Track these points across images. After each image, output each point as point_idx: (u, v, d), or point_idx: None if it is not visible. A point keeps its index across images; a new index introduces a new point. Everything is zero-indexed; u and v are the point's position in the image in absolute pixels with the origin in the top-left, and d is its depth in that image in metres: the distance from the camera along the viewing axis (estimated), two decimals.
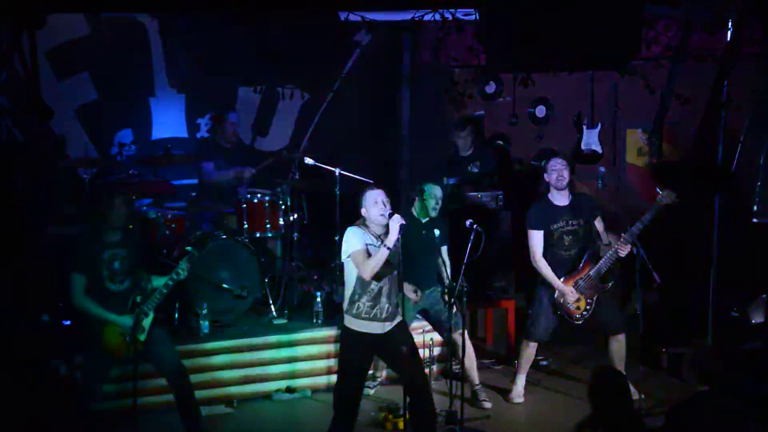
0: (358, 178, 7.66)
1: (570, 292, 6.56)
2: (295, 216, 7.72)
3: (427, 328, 6.98)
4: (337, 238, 7.66)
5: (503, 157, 8.89)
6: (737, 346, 6.80)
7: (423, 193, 6.69)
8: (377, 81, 9.25)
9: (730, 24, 7.15)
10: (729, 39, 7.14)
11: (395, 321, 5.66)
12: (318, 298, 7.26)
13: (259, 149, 9.13)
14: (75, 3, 7.11)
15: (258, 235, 7.51)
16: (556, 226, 6.58)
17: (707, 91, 7.14)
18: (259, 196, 7.60)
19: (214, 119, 8.67)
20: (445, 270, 6.56)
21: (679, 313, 7.56)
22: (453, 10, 7.30)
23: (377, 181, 6.12)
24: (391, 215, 5.41)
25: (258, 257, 7.41)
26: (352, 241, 5.48)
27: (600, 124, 8.59)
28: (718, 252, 7.21)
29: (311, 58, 8.92)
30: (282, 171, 7.95)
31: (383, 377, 7.09)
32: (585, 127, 8.58)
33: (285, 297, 7.58)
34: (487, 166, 8.27)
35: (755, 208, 7.43)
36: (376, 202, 5.50)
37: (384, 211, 5.46)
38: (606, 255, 6.53)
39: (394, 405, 6.48)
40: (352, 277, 5.55)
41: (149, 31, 8.63)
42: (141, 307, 5.81)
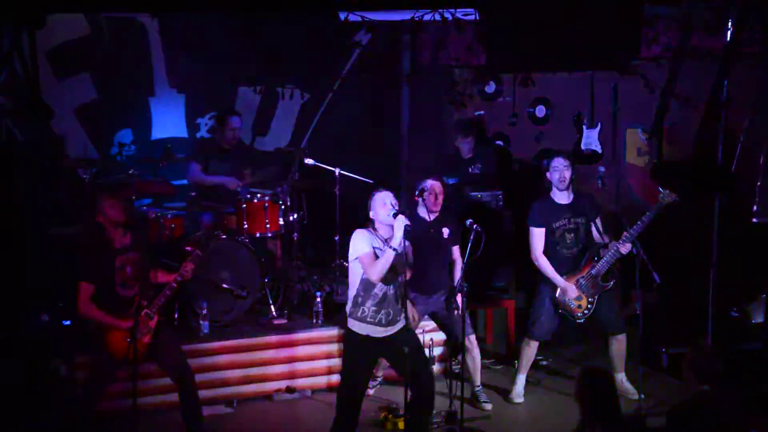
0: (357, 177, 7.68)
1: (572, 288, 6.56)
2: (295, 216, 7.72)
3: (428, 328, 6.98)
4: (337, 238, 7.69)
5: (503, 157, 8.88)
6: (737, 346, 6.81)
7: (423, 192, 6.67)
8: (377, 81, 9.24)
9: (730, 24, 7.15)
10: (729, 39, 7.13)
11: (399, 325, 5.66)
12: (318, 298, 7.26)
13: (260, 149, 9.13)
14: (75, 3, 7.11)
15: (258, 235, 7.51)
16: (557, 224, 6.58)
17: (707, 91, 7.13)
18: (258, 196, 7.59)
19: (216, 120, 8.65)
20: (456, 270, 6.53)
21: (679, 313, 7.55)
22: (453, 10, 7.30)
23: (381, 182, 6.12)
24: (395, 215, 5.41)
25: (258, 257, 7.40)
26: (360, 244, 5.49)
27: (600, 124, 8.59)
28: (718, 252, 7.20)
29: (311, 58, 8.95)
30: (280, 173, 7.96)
31: (383, 377, 7.09)
32: (585, 127, 8.59)
33: (285, 297, 7.58)
34: (487, 166, 8.26)
35: (755, 208, 7.41)
36: (385, 204, 5.50)
37: (390, 211, 5.46)
38: (607, 254, 6.53)
39: (394, 405, 6.49)
40: (357, 280, 5.56)
41: (149, 31, 8.61)
42: (146, 309, 5.81)
